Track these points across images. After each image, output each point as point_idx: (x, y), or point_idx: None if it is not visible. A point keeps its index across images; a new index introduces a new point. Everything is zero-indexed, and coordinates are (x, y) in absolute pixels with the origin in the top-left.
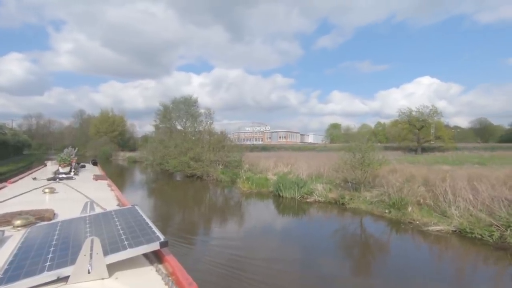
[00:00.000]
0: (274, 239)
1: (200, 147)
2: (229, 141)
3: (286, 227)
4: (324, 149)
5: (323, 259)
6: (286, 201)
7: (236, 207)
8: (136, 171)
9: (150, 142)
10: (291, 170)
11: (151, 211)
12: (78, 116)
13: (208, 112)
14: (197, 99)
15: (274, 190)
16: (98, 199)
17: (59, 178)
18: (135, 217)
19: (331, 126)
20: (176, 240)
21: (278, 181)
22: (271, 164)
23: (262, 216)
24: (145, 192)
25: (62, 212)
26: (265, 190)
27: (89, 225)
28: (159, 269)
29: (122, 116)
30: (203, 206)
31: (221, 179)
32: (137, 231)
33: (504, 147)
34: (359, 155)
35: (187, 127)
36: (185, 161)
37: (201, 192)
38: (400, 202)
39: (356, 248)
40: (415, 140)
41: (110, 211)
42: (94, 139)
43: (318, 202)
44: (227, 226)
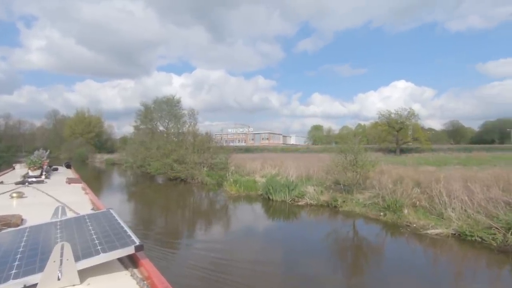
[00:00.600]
0: (263, 244)
1: (184, 148)
2: (214, 143)
3: (277, 232)
4: (307, 150)
5: (317, 264)
6: (277, 205)
7: (223, 212)
8: (114, 174)
9: (130, 143)
10: (279, 172)
11: (131, 216)
12: (52, 117)
13: (192, 112)
14: (180, 99)
15: (264, 193)
16: (71, 203)
17: (28, 182)
18: (109, 221)
19: (313, 128)
20: (159, 247)
21: (268, 184)
22: (258, 166)
23: (251, 221)
24: (124, 196)
25: (31, 217)
26: (254, 193)
27: (60, 230)
28: (134, 273)
29: (99, 117)
30: (188, 210)
31: (206, 182)
32: (112, 235)
33: (476, 148)
34: (351, 156)
35: (170, 128)
36: (168, 164)
37: (185, 195)
38: (395, 204)
39: (351, 252)
40: (394, 141)
41: (83, 215)
42: (69, 141)
43: (310, 205)
44: (213, 231)
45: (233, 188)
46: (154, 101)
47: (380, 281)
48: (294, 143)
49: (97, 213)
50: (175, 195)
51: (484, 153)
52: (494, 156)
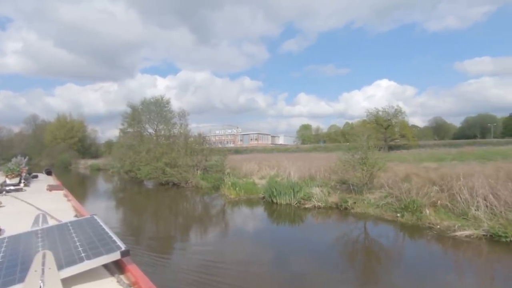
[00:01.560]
0: (270, 252)
1: (176, 151)
2: (207, 144)
3: (284, 238)
4: (297, 150)
5: (332, 274)
6: (281, 208)
7: (224, 218)
8: (100, 180)
9: (117, 147)
10: (277, 173)
11: (120, 225)
12: (31, 122)
13: (182, 113)
14: (169, 100)
15: (266, 196)
16: (53, 211)
17: (6, 191)
18: (94, 227)
19: (301, 128)
20: (154, 260)
21: (270, 186)
22: (255, 167)
23: (255, 227)
24: (112, 203)
25: (10, 227)
26: (255, 196)
27: (41, 239)
28: (120, 279)
29: (81, 121)
30: (184, 217)
31: (201, 185)
32: (96, 241)
33: (461, 143)
34: (360, 154)
35: (160, 130)
36: (160, 167)
37: (179, 201)
38: (412, 204)
39: (369, 257)
40: (382, 139)
41: (65, 222)
42: (50, 147)
43: (318, 207)
44: (216, 240)
45: (232, 192)
46: (142, 102)
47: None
48: (282, 143)
49: (80, 219)
50: (168, 200)
51: (474, 147)
52: (486, 151)
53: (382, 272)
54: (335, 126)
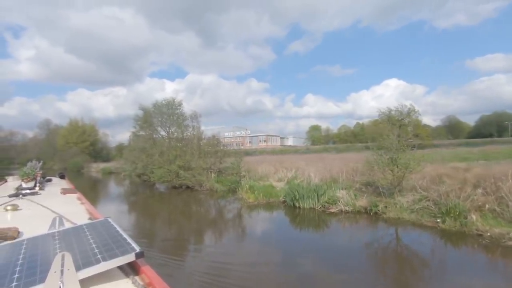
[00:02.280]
0: (295, 259)
1: (190, 153)
2: (222, 146)
3: (309, 245)
4: (307, 151)
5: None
6: (304, 213)
7: (243, 222)
8: (112, 183)
9: (130, 150)
10: (296, 175)
11: (135, 229)
12: (44, 127)
13: (194, 115)
14: (181, 101)
15: (288, 200)
16: (68, 214)
17: (22, 194)
18: (108, 229)
19: (311, 128)
20: (172, 265)
21: (292, 189)
22: (271, 169)
23: (276, 232)
24: (125, 207)
25: (28, 229)
26: (275, 200)
27: (58, 241)
28: (135, 280)
29: (93, 125)
30: (200, 222)
31: (216, 188)
32: (111, 243)
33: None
34: (390, 154)
35: (172, 133)
36: (174, 170)
37: (194, 204)
38: (454, 208)
39: (408, 271)
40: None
41: (81, 225)
42: (63, 151)
43: (345, 212)
44: (234, 246)
45: (251, 195)
46: (154, 105)
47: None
48: (291, 145)
49: (95, 222)
50: (182, 204)
51: (495, 146)
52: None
53: (422, 286)
54: (345, 127)
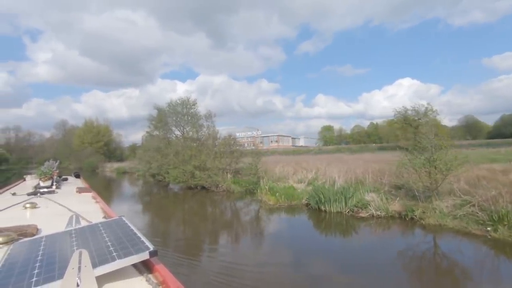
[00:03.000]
0: (320, 267)
1: (205, 153)
2: (238, 145)
3: (336, 252)
4: (320, 151)
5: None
6: (331, 217)
7: (264, 226)
8: (126, 183)
9: (144, 150)
10: (316, 176)
11: (148, 229)
12: (61, 127)
13: (209, 114)
14: (195, 101)
15: (312, 203)
16: (83, 212)
17: (40, 193)
18: (122, 228)
19: (323, 129)
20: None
21: (316, 191)
22: (289, 170)
23: (301, 237)
24: (138, 207)
25: (46, 227)
26: (297, 203)
27: (75, 238)
28: (149, 278)
29: (107, 126)
30: (218, 224)
31: (233, 189)
32: (126, 241)
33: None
34: (428, 154)
35: (187, 132)
36: (189, 171)
37: (210, 206)
38: (508, 216)
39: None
40: (412, 139)
41: (96, 223)
42: (78, 151)
43: (377, 217)
44: (255, 251)
45: (271, 198)
46: (169, 104)
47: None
48: (303, 145)
49: (109, 221)
50: (197, 205)
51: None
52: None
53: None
54: (358, 127)
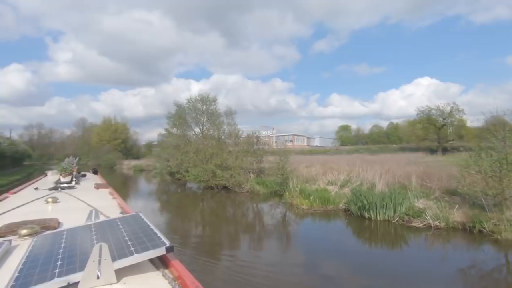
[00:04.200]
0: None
1: (227, 152)
2: (262, 144)
3: (386, 267)
4: (337, 152)
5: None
6: (376, 226)
7: (301, 236)
8: (143, 180)
9: (163, 148)
10: (349, 178)
11: (166, 230)
12: (80, 125)
13: (229, 112)
14: (215, 97)
15: (354, 209)
16: (101, 207)
17: (60, 188)
18: (139, 223)
19: (340, 128)
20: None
21: (357, 195)
22: (318, 171)
23: (345, 252)
24: (156, 205)
25: (66, 221)
26: (334, 208)
27: (94, 232)
28: (165, 273)
29: (125, 124)
30: (247, 231)
31: (257, 191)
32: (143, 237)
33: None
34: (501, 155)
35: (208, 129)
36: (210, 170)
37: (233, 208)
38: None
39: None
40: (436, 140)
41: (114, 218)
42: (96, 148)
43: (435, 228)
44: (294, 267)
45: (303, 201)
46: (188, 100)
47: None
48: (318, 145)
49: (126, 216)
50: (219, 207)
51: None
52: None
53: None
54: (377, 127)
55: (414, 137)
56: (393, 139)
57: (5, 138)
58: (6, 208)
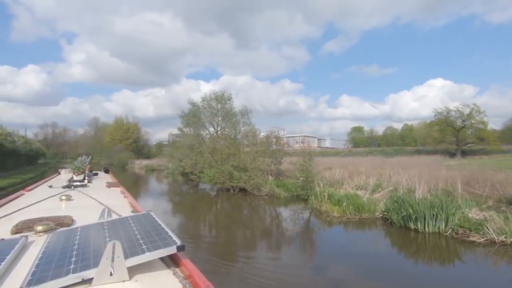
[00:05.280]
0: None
1: (246, 152)
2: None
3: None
4: (350, 153)
5: None
6: (425, 239)
7: (338, 250)
8: (155, 180)
9: (176, 148)
10: (380, 183)
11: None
12: (93, 124)
13: (245, 111)
14: (231, 96)
15: (395, 219)
16: (112, 206)
17: (74, 186)
18: (150, 222)
19: (352, 130)
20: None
21: (400, 203)
22: (344, 174)
23: (393, 271)
24: (169, 206)
25: (80, 218)
26: (369, 216)
27: (107, 230)
28: (176, 272)
29: (136, 123)
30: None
31: (277, 194)
32: (154, 235)
33: None
34: None
35: (223, 128)
36: (227, 171)
37: (254, 212)
38: None
39: None
40: (454, 142)
41: (126, 217)
42: (108, 147)
43: (502, 243)
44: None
45: (334, 207)
46: (203, 98)
47: None
48: (329, 146)
49: (138, 215)
50: (238, 210)
51: None
52: None
53: None
54: (391, 128)
55: (430, 139)
56: (408, 141)
57: (20, 136)
58: (22, 205)
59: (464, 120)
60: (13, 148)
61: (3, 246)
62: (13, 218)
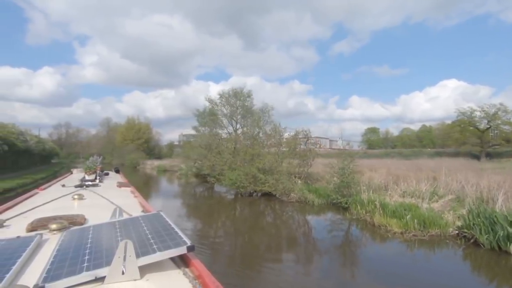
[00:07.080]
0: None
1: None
2: (314, 145)
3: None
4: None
5: None
6: None
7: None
8: (168, 182)
9: (191, 148)
10: (434, 190)
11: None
12: (105, 124)
13: (265, 108)
14: (250, 92)
15: (488, 239)
16: (123, 205)
17: (86, 185)
18: (161, 222)
19: (367, 131)
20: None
21: (492, 218)
22: (384, 177)
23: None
24: (184, 211)
25: (92, 217)
26: (438, 231)
27: (119, 229)
28: (186, 272)
29: (148, 124)
30: (320, 267)
31: (309, 200)
32: (164, 235)
33: None
34: None
35: (243, 127)
36: (251, 173)
37: (287, 224)
38: None
39: None
40: (478, 144)
41: (137, 216)
42: (120, 147)
43: None
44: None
45: (392, 221)
46: (221, 96)
47: None
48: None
49: (148, 215)
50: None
51: None
52: None
53: None
54: (408, 129)
55: (451, 141)
56: (425, 143)
57: (33, 135)
58: (37, 204)
59: (489, 120)
60: (25, 147)
61: (19, 244)
62: (28, 217)
